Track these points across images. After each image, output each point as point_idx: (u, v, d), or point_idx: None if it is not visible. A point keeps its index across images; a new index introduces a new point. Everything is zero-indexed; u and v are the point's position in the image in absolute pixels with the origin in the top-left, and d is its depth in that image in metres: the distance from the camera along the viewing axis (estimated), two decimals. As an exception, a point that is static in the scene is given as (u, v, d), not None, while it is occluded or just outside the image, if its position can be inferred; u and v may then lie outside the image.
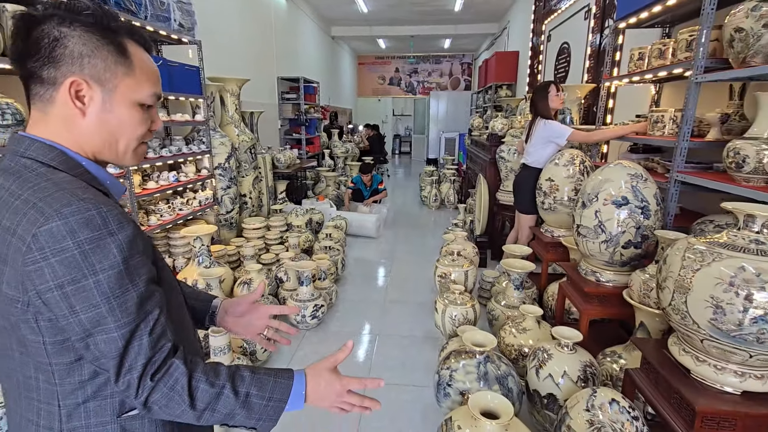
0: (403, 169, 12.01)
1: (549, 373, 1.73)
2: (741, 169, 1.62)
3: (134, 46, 0.71)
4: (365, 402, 0.79)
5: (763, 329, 1.11)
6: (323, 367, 0.79)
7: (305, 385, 0.75)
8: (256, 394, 0.70)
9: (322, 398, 0.76)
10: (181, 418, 0.66)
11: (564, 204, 2.70)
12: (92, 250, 0.60)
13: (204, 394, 0.66)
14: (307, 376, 0.76)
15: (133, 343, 0.62)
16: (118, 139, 0.71)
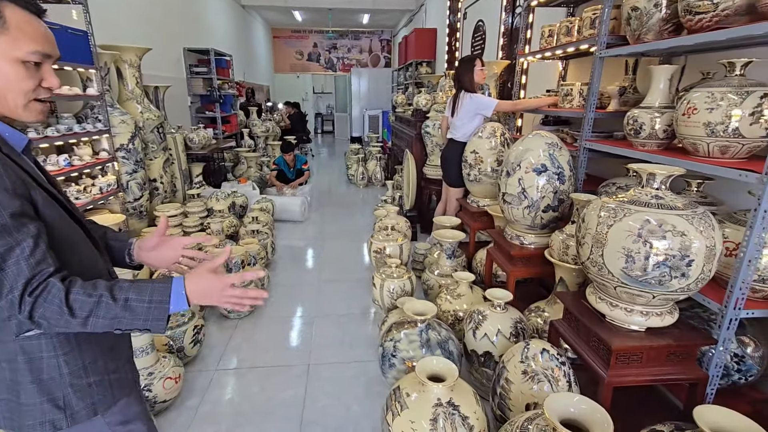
0: (326, 148, 11.78)
1: (485, 333, 1.84)
2: (638, 135, 1.82)
3: (11, 8, 0.75)
4: (249, 293, 0.88)
5: (664, 272, 1.28)
6: (203, 269, 0.86)
7: (184, 286, 0.82)
8: (135, 299, 0.78)
9: (205, 296, 0.84)
10: (70, 328, 0.76)
11: (488, 175, 2.85)
12: None
13: (83, 305, 0.75)
14: (186, 278, 0.83)
15: (9, 267, 0.72)
16: (5, 94, 0.77)
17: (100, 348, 0.90)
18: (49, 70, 0.81)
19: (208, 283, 0.84)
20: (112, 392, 0.91)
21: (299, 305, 2.94)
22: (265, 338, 2.54)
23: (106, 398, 0.90)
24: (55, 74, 0.83)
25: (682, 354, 1.42)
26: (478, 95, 3.07)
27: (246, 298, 0.87)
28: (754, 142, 1.42)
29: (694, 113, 1.51)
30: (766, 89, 1.40)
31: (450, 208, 3.36)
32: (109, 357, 0.92)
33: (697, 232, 1.25)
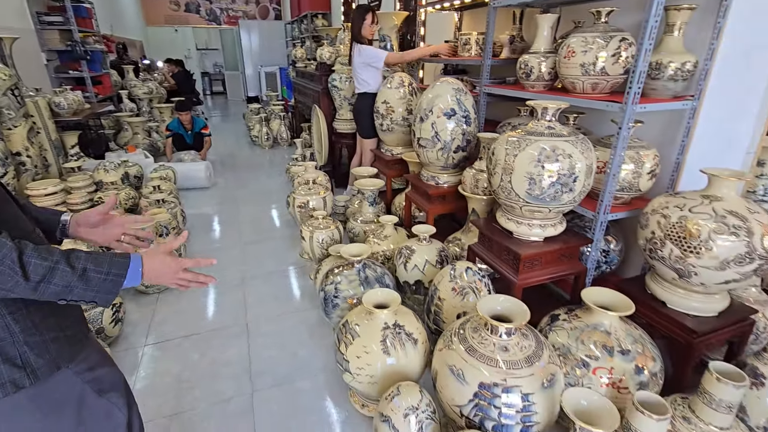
0: (220, 110, 10.86)
1: (414, 264, 2.04)
2: (529, 77, 2.09)
3: None
4: (200, 278, 0.94)
5: (557, 189, 1.56)
6: (160, 250, 0.91)
7: (142, 264, 0.85)
8: (93, 269, 0.78)
9: (159, 275, 0.88)
10: (17, 292, 0.73)
11: (399, 124, 2.99)
12: None
13: (37, 268, 0.73)
14: (143, 256, 0.87)
15: None
16: None
17: (49, 306, 0.85)
18: None
19: (163, 264, 0.88)
20: (70, 346, 0.89)
21: (224, 269, 2.86)
22: (194, 307, 2.46)
23: (65, 352, 0.87)
24: None
25: (570, 254, 1.77)
26: (365, 47, 3.11)
27: (195, 282, 0.93)
28: (615, 79, 1.75)
29: (572, 56, 1.78)
30: (624, 34, 1.71)
31: (365, 159, 3.47)
32: (61, 314, 0.88)
33: (579, 153, 1.54)
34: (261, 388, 1.84)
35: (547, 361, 1.28)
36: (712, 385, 1.29)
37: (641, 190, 1.78)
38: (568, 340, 1.46)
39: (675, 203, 1.51)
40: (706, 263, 1.41)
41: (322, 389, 1.83)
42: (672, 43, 1.67)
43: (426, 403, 1.30)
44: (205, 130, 5.14)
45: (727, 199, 1.43)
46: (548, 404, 1.23)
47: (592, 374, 1.38)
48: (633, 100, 1.56)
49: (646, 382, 1.37)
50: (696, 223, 1.42)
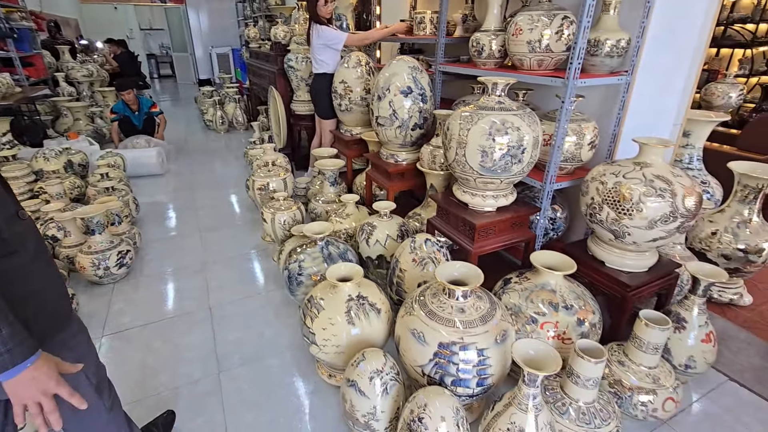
0: (169, 95, 10.31)
1: (376, 240, 2.09)
2: (480, 55, 2.16)
3: None
4: (49, 416, 0.79)
5: (507, 161, 1.65)
6: (55, 362, 0.80)
7: (32, 364, 0.75)
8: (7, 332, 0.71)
9: (28, 386, 0.75)
10: None
11: (358, 104, 3.00)
12: None
13: None
14: (40, 359, 0.76)
15: None
16: None
17: None
18: None
19: (46, 377, 0.76)
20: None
21: (183, 257, 2.80)
22: (153, 295, 2.40)
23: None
24: None
25: (521, 223, 1.88)
26: (326, 28, 3.04)
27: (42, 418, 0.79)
28: (559, 56, 1.85)
29: (520, 34, 1.87)
30: (566, 12, 1.81)
31: (325, 140, 3.46)
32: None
33: (527, 126, 1.64)
34: (228, 368, 1.86)
35: (500, 319, 1.38)
36: (642, 330, 1.45)
37: (583, 160, 1.91)
38: (519, 300, 1.58)
39: (611, 171, 1.64)
40: (637, 223, 1.56)
41: (290, 365, 1.87)
42: (608, 21, 1.79)
43: (390, 366, 1.37)
44: (154, 108, 4.88)
45: (655, 165, 1.58)
46: (501, 358, 1.33)
47: (540, 329, 1.51)
48: (574, 75, 1.67)
49: (586, 333, 1.51)
50: (629, 188, 1.56)
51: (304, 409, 1.64)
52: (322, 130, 3.49)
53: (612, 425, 1.32)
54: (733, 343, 1.96)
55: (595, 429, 1.30)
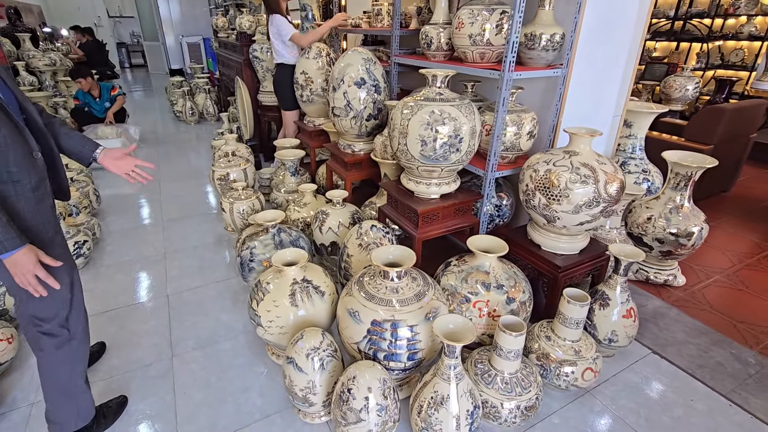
0: (141, 84, 10.07)
1: (329, 227, 2.16)
2: (429, 48, 2.23)
3: None
4: (37, 287, 1.16)
5: (446, 150, 1.73)
6: (37, 252, 1.15)
7: (20, 250, 1.11)
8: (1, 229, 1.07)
9: (13, 267, 1.12)
10: None
11: (319, 95, 3.03)
12: None
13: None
14: (26, 247, 1.12)
15: None
16: None
17: None
18: None
19: (25, 260, 1.12)
20: None
21: (144, 247, 2.81)
22: (112, 284, 2.42)
23: None
24: None
25: (464, 209, 1.98)
26: (278, 17, 3.09)
27: (33, 288, 1.16)
28: (499, 50, 1.93)
29: (462, 27, 1.94)
30: (505, 7, 1.89)
31: (288, 131, 3.49)
32: None
33: (464, 117, 1.72)
34: (182, 352, 1.91)
35: (431, 297, 1.47)
36: (565, 306, 1.56)
37: (523, 149, 2.01)
38: (456, 282, 1.67)
39: (544, 159, 1.74)
40: (564, 208, 1.66)
41: (243, 347, 1.93)
42: (544, 16, 1.88)
43: (327, 344, 1.45)
44: (113, 91, 4.77)
45: (583, 154, 1.69)
46: (431, 334, 1.43)
47: (473, 307, 1.61)
48: (509, 68, 1.75)
49: (516, 310, 1.62)
50: (557, 175, 1.66)
51: (253, 388, 1.71)
52: (285, 121, 3.51)
53: (532, 392, 1.43)
54: (662, 321, 2.11)
55: (517, 396, 1.41)
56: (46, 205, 1.25)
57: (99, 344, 1.90)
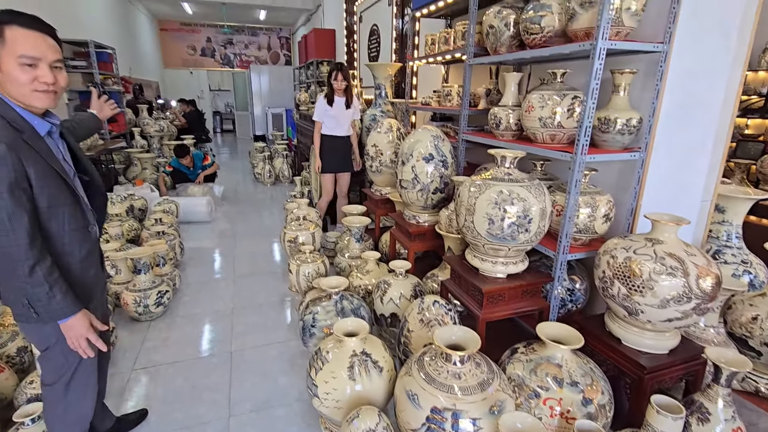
0: (228, 148, 11.32)
1: (390, 298, 2.16)
2: (498, 127, 2.29)
3: (11, 28, 1.12)
4: (87, 350, 1.29)
5: (514, 230, 1.71)
6: (86, 319, 1.27)
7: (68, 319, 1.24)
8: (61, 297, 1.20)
9: (68, 331, 1.25)
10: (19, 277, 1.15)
11: (388, 166, 3.19)
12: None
13: (37, 277, 1.15)
14: (73, 318, 1.24)
15: None
16: (16, 87, 1.15)
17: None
18: (44, 69, 1.16)
19: (79, 326, 1.25)
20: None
21: (215, 300, 2.98)
22: (183, 335, 2.57)
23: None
24: (50, 72, 1.17)
25: (532, 291, 1.88)
26: (319, 101, 3.68)
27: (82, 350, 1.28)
28: (571, 132, 1.94)
29: (532, 110, 1.99)
30: (577, 92, 1.91)
31: (324, 191, 3.88)
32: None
33: (533, 198, 1.70)
34: (239, 413, 1.92)
35: (497, 388, 1.37)
36: (653, 417, 1.38)
37: (598, 232, 1.92)
38: (524, 372, 1.55)
39: (622, 245, 1.64)
40: (649, 301, 1.52)
41: (296, 416, 1.90)
42: (618, 101, 1.87)
43: (383, 426, 1.39)
44: (205, 161, 5.45)
45: (668, 242, 1.57)
46: (496, 429, 1.31)
47: (543, 404, 1.46)
48: (582, 151, 1.74)
49: (593, 414, 1.45)
50: (639, 264, 1.54)
51: (302, 465, 1.65)
52: (322, 182, 3.87)
53: None
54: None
55: None
56: (90, 273, 1.37)
57: (140, 412, 1.90)
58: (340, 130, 3.77)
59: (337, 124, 3.75)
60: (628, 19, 1.73)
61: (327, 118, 3.71)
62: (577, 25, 1.82)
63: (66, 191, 1.24)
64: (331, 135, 3.76)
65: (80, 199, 1.31)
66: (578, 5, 1.80)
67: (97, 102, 1.73)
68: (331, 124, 3.75)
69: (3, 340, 2.07)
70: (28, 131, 1.17)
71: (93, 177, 1.42)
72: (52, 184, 1.20)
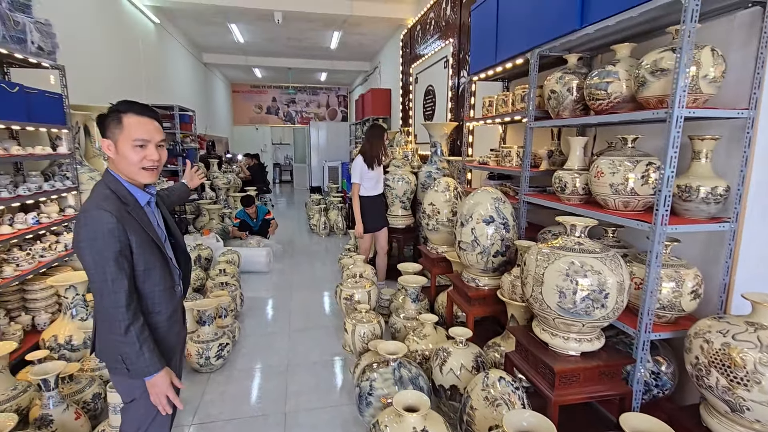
0: (285, 197, 11.93)
1: (450, 368, 2.05)
2: (564, 191, 2.22)
3: (128, 116, 1.30)
4: (166, 407, 1.34)
5: (589, 304, 1.59)
6: (168, 379, 1.33)
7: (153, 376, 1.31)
8: (143, 357, 1.28)
9: (152, 388, 1.32)
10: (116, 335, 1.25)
11: (444, 224, 3.18)
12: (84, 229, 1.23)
13: (130, 335, 1.25)
14: (158, 375, 1.31)
15: None
16: (126, 165, 1.31)
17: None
18: (151, 149, 1.32)
19: (162, 385, 1.32)
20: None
21: (271, 355, 3.00)
22: (240, 390, 2.59)
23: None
24: (156, 151, 1.33)
25: (611, 373, 1.71)
26: (357, 160, 3.82)
27: (162, 407, 1.34)
28: (646, 199, 1.83)
29: (601, 176, 1.91)
30: (651, 158, 1.83)
31: (363, 249, 3.97)
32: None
33: (609, 270, 1.59)
34: (290, 486, 1.85)
35: (579, 492, 1.22)
36: None
37: (685, 309, 1.74)
38: (607, 471, 1.38)
39: (718, 328, 1.47)
40: (756, 398, 1.32)
41: (350, 495, 1.80)
42: (700, 168, 1.76)
43: None
44: (268, 216, 5.75)
45: (775, 329, 1.38)
46: None
47: None
48: (662, 221, 1.63)
49: None
50: (741, 352, 1.36)
51: None
52: (361, 242, 3.95)
53: None
54: None
55: None
56: (174, 331, 1.46)
57: None
58: (377, 189, 3.93)
59: (375, 183, 3.90)
60: (705, 86, 1.66)
61: (366, 180, 3.85)
62: (648, 93, 1.78)
63: (158, 254, 1.37)
64: (370, 195, 3.87)
65: (169, 261, 1.44)
66: (649, 73, 1.76)
67: (189, 172, 1.90)
68: (370, 185, 3.87)
69: (81, 386, 2.20)
70: (132, 203, 1.32)
71: (179, 241, 1.55)
72: (148, 249, 1.33)
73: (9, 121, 2.52)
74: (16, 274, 2.51)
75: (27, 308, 2.88)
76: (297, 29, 7.46)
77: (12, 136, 3.02)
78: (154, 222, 1.42)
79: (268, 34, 7.80)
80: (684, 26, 1.53)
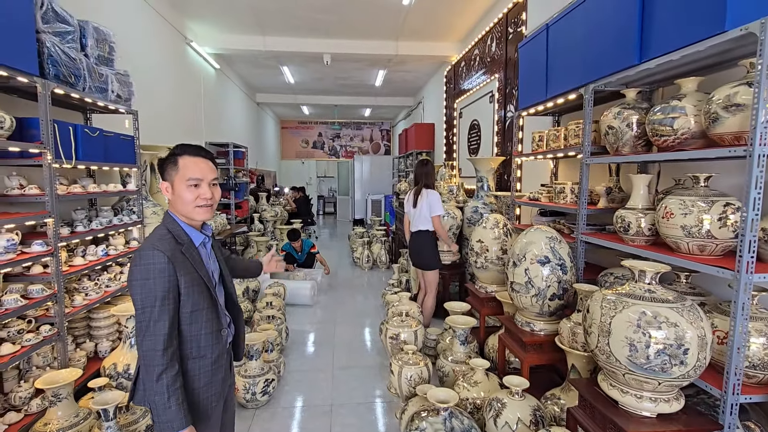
0: (328, 229, 12.15)
1: (505, 422, 1.91)
2: (627, 232, 2.08)
3: (183, 157, 1.36)
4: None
5: (665, 360, 1.44)
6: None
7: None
8: (170, 409, 1.23)
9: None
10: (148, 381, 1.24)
11: (494, 262, 3.07)
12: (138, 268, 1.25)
13: (161, 383, 1.23)
14: (186, 429, 1.25)
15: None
16: (182, 204, 1.36)
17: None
18: (204, 187, 1.36)
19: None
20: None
21: (315, 393, 2.96)
22: (284, 429, 2.55)
23: None
24: (209, 189, 1.37)
25: (694, 440, 1.51)
26: (435, 195, 3.74)
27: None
28: (726, 242, 1.67)
29: (671, 217, 1.78)
30: (729, 198, 1.68)
31: (431, 290, 3.70)
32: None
33: (687, 323, 1.44)
34: None
35: None
36: None
37: (780, 369, 1.53)
38: None
39: (827, 396, 1.27)
40: None
41: None
42: (789, 210, 1.59)
43: None
44: (313, 249, 5.85)
45: None
46: None
47: None
48: (747, 269, 1.47)
49: None
50: None
51: None
52: (428, 281, 3.79)
53: None
54: None
55: None
56: (219, 377, 1.42)
57: None
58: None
59: None
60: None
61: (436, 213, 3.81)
62: (722, 129, 1.66)
63: (207, 296, 1.37)
64: (433, 230, 3.82)
65: (218, 304, 1.43)
66: (721, 109, 1.64)
67: (269, 257, 1.95)
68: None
69: (136, 417, 2.26)
70: (186, 243, 1.35)
71: (229, 290, 1.54)
72: (197, 290, 1.33)
73: (90, 162, 2.77)
74: (85, 302, 2.68)
75: (91, 335, 3.04)
76: (344, 69, 7.82)
77: (89, 174, 3.32)
78: (206, 263, 1.42)
79: (316, 74, 8.23)
80: (761, 59, 1.43)
